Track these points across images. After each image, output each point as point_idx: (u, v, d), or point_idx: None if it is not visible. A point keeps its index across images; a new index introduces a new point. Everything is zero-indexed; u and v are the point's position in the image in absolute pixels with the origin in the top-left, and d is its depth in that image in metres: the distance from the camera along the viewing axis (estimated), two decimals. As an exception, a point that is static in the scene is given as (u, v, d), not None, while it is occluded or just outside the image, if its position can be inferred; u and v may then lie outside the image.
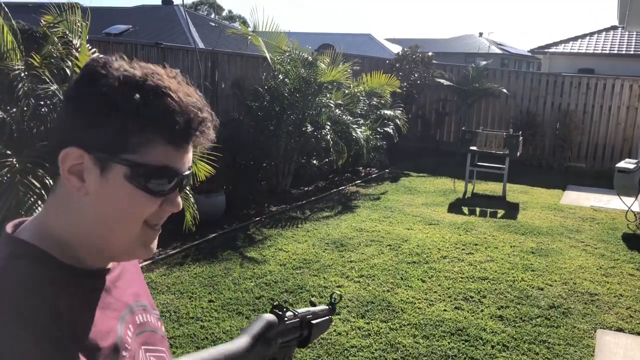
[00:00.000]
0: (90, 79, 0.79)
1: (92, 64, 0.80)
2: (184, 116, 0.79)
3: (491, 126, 11.62)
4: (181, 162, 0.82)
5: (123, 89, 0.77)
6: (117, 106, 0.77)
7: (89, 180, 0.79)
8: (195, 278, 4.63)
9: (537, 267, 5.27)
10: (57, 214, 0.83)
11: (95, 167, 0.78)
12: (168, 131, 0.79)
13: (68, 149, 0.78)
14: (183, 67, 6.93)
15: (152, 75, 0.79)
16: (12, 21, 4.44)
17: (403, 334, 3.85)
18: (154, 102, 0.78)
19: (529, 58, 36.16)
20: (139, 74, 0.79)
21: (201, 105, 0.82)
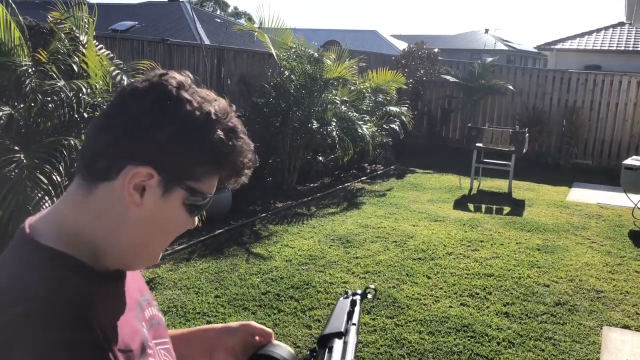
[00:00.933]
0: (176, 101, 0.82)
1: (169, 84, 0.83)
2: (247, 158, 0.87)
3: (497, 123, 11.59)
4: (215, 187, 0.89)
5: (210, 125, 0.82)
6: (200, 139, 0.82)
7: (148, 198, 0.82)
8: (201, 273, 4.65)
9: (543, 264, 5.26)
10: (87, 221, 0.83)
11: (159, 187, 0.82)
12: (232, 169, 0.86)
13: (141, 167, 0.79)
14: (189, 64, 6.94)
15: (228, 114, 0.86)
16: (19, 17, 4.47)
17: (408, 330, 3.86)
18: (232, 142, 0.84)
19: (535, 55, 36.01)
20: (221, 112, 0.85)
21: (252, 148, 0.90)
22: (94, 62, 4.37)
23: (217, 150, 0.83)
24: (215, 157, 0.83)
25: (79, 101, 4.15)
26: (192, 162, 0.82)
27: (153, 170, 0.80)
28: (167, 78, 0.84)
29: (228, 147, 0.83)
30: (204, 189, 0.85)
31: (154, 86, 0.83)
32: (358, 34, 30.91)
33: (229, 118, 0.85)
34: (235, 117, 0.87)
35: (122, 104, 0.83)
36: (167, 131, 0.80)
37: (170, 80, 0.83)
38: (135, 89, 0.83)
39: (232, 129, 0.85)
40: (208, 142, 0.82)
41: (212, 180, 0.86)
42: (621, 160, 8.73)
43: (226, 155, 0.84)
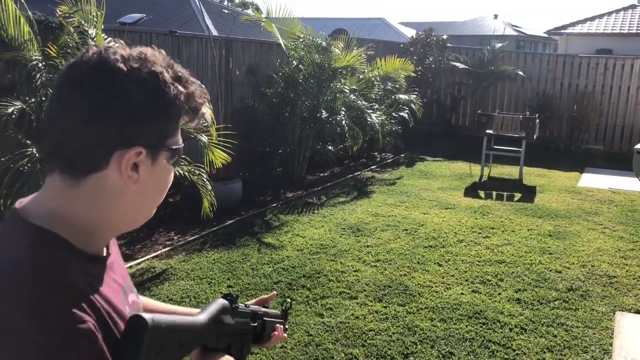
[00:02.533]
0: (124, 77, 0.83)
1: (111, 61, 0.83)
2: (200, 98, 0.92)
3: (507, 109, 11.51)
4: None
5: (162, 85, 0.85)
6: (163, 102, 0.85)
7: (143, 171, 0.86)
8: (214, 264, 4.68)
9: (554, 250, 5.25)
10: (81, 207, 0.85)
11: (148, 158, 0.86)
12: (194, 113, 0.92)
13: (129, 150, 0.83)
14: (197, 55, 6.95)
15: (168, 65, 0.88)
16: (28, 12, 4.49)
17: (420, 318, 3.88)
18: (185, 90, 0.88)
19: (545, 39, 35.65)
20: (163, 66, 0.87)
21: (198, 83, 0.95)
22: (103, 56, 4.39)
23: (179, 104, 0.87)
24: (179, 110, 0.88)
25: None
26: (164, 125, 0.87)
27: (139, 147, 0.84)
28: (107, 54, 0.84)
29: (186, 96, 0.88)
30: (178, 140, 0.91)
31: (102, 68, 0.83)
32: (366, 22, 30.75)
33: (174, 68, 0.89)
34: (175, 63, 0.91)
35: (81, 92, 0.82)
36: (135, 108, 0.83)
37: (111, 56, 0.84)
38: (83, 75, 0.83)
39: (181, 77, 0.89)
40: (170, 102, 0.86)
41: (179, 129, 0.92)
42: (633, 144, 8.66)
43: (187, 104, 0.89)
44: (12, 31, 4.21)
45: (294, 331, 3.63)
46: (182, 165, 4.71)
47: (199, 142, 4.89)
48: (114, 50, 0.85)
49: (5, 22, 4.16)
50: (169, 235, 5.39)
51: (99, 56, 0.84)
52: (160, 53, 0.91)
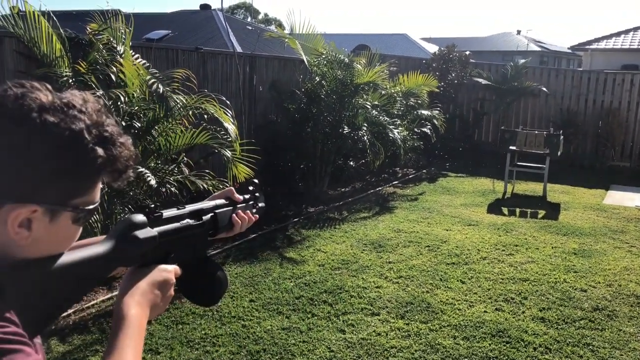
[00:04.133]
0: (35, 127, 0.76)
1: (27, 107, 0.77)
2: (126, 161, 0.86)
3: (531, 125, 11.41)
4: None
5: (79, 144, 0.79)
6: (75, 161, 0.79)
7: (37, 227, 0.79)
8: (236, 278, 4.71)
9: (579, 269, 5.17)
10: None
11: (45, 216, 0.80)
12: (114, 176, 0.85)
13: (21, 207, 0.77)
14: (222, 72, 7.05)
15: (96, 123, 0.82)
16: (60, 30, 4.62)
17: (443, 335, 3.84)
18: (107, 152, 0.81)
19: (569, 55, 35.36)
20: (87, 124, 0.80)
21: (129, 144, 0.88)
22: (131, 72, 4.49)
23: (95, 166, 0.81)
24: (94, 172, 0.82)
25: (118, 110, 4.27)
26: (71, 184, 0.81)
27: (35, 205, 0.78)
28: (25, 100, 0.77)
29: (106, 160, 0.81)
30: (89, 199, 0.84)
31: (12, 113, 0.76)
32: (388, 38, 30.85)
33: (102, 127, 0.82)
34: (108, 120, 0.84)
35: None
36: (39, 162, 0.76)
37: (28, 102, 0.77)
38: None
39: (107, 138, 0.82)
40: (84, 162, 0.80)
41: (96, 190, 0.86)
42: (660, 162, 8.51)
43: (105, 167, 0.82)
44: (44, 48, 4.33)
45: (315, 346, 3.63)
46: (206, 179, 4.77)
47: (223, 156, 4.95)
48: (35, 96, 0.78)
49: (39, 40, 4.28)
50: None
51: (14, 100, 0.77)
52: (95, 104, 0.84)
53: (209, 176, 4.83)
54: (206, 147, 5.14)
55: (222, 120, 4.91)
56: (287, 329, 3.85)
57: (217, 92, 5.56)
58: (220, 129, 5.01)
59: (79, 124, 0.79)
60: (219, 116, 4.87)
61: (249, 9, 46.78)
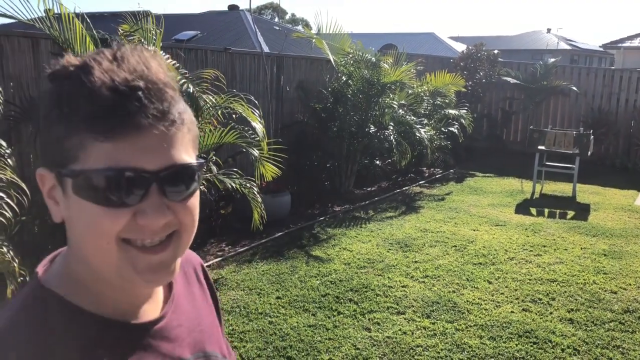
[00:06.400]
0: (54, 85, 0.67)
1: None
2: (101, 95, 0.60)
3: (560, 125, 11.26)
4: (137, 157, 0.62)
5: (53, 86, 0.65)
6: (44, 115, 0.66)
7: (60, 202, 0.67)
8: (263, 275, 4.77)
9: (609, 270, 5.10)
10: (73, 254, 0.71)
11: (58, 185, 0.67)
12: (91, 121, 0.61)
13: (39, 169, 0.69)
14: (250, 72, 7.13)
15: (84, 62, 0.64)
16: (93, 31, 4.73)
17: (469, 335, 3.84)
18: (72, 89, 0.62)
19: (600, 54, 34.66)
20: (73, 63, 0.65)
21: (138, 73, 0.62)
22: (162, 72, 4.57)
23: (64, 110, 0.62)
24: (67, 120, 0.62)
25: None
26: (56, 141, 0.64)
27: (44, 169, 0.68)
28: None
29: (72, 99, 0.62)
30: (88, 165, 0.62)
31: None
32: (415, 37, 30.69)
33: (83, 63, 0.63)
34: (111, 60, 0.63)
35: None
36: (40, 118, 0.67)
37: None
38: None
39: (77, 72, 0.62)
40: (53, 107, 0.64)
41: (93, 151, 0.62)
42: (695, 162, 8.31)
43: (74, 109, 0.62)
44: (78, 49, 4.44)
45: (340, 344, 3.66)
46: (234, 178, 4.83)
47: (251, 155, 5.01)
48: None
49: (73, 41, 4.40)
50: (220, 246, 5.52)
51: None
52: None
53: (236, 175, 4.90)
54: (234, 146, 5.21)
55: (250, 119, 4.97)
56: (313, 326, 3.88)
57: (245, 92, 5.63)
58: (248, 129, 5.07)
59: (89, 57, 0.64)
60: (247, 115, 4.94)
61: (276, 10, 47.03)
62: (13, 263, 3.15)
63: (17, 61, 4.60)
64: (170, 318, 0.75)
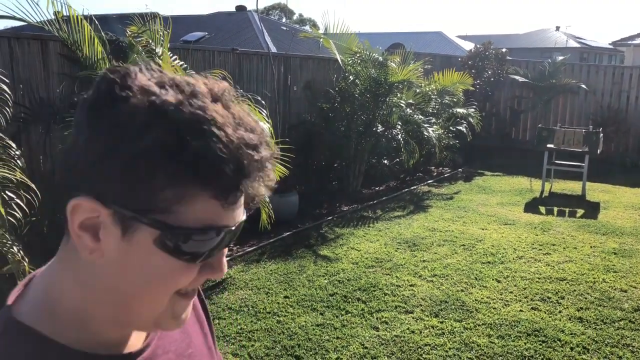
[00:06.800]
0: (107, 100, 0.57)
1: (108, 78, 0.58)
2: (233, 162, 0.56)
3: (569, 123, 11.19)
4: (231, 217, 0.60)
5: (151, 123, 0.55)
6: (142, 148, 0.55)
7: (107, 240, 0.58)
8: (271, 274, 4.78)
9: (619, 269, 5.06)
10: (66, 275, 0.64)
11: (115, 225, 0.58)
12: (212, 183, 0.57)
13: (80, 197, 0.57)
14: (258, 72, 7.15)
15: (190, 100, 0.57)
16: (101, 33, 4.77)
17: (477, 334, 3.83)
18: (193, 143, 0.55)
19: (610, 51, 34.44)
20: (173, 100, 0.56)
21: (257, 140, 0.59)
22: (169, 73, 4.60)
23: (170, 159, 0.55)
24: (176, 172, 0.55)
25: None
26: (146, 186, 0.55)
27: (96, 202, 0.57)
28: (114, 69, 0.59)
29: (192, 154, 0.55)
30: (186, 221, 0.57)
31: (96, 85, 0.59)
32: (423, 36, 30.62)
33: (188, 107, 0.56)
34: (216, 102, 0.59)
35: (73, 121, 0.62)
36: (101, 148, 0.56)
37: (116, 71, 0.59)
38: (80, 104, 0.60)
39: (196, 122, 0.56)
40: (152, 152, 0.55)
41: (196, 206, 0.57)
42: None
43: (194, 166, 0.55)
44: (87, 51, 4.48)
45: (349, 343, 3.66)
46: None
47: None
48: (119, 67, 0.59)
49: (81, 43, 4.43)
50: (228, 245, 5.54)
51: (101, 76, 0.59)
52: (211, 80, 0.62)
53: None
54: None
55: (258, 119, 4.98)
56: (321, 325, 3.89)
57: (252, 92, 5.65)
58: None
59: (164, 95, 0.56)
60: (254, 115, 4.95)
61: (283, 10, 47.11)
62: (23, 263, 3.18)
63: (27, 63, 4.64)
64: (156, 345, 0.71)
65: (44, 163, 4.79)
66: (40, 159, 4.76)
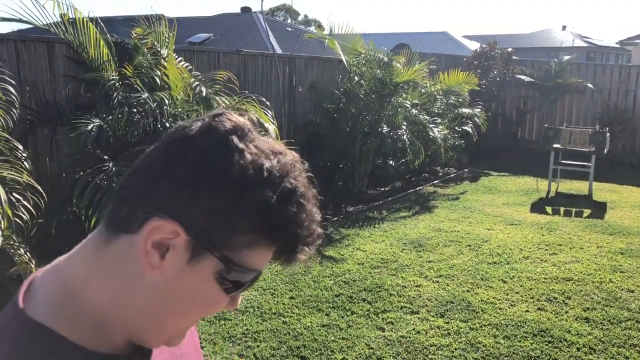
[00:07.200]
0: (222, 150, 0.65)
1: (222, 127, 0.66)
2: (307, 231, 0.68)
3: (576, 123, 11.15)
4: (266, 262, 0.71)
5: (260, 185, 0.64)
6: (247, 203, 0.63)
7: (171, 262, 0.64)
8: (277, 275, 4.79)
9: (626, 269, 5.04)
10: (95, 279, 0.67)
11: (186, 251, 0.64)
12: (285, 243, 0.67)
13: (164, 220, 0.63)
14: (263, 73, 7.16)
15: (289, 173, 0.67)
16: (107, 35, 4.79)
17: (483, 334, 3.82)
18: (286, 209, 0.65)
19: (617, 50, 34.29)
20: (278, 169, 0.66)
21: (319, 219, 0.71)
22: (175, 75, 4.62)
23: (264, 216, 0.64)
24: (260, 224, 0.64)
25: (162, 112, 4.40)
26: (229, 226, 0.64)
27: (180, 227, 0.63)
28: (221, 119, 0.67)
29: (279, 214, 0.65)
30: (244, 261, 0.66)
31: (202, 129, 0.66)
32: (428, 36, 30.58)
33: (289, 177, 0.67)
34: (300, 177, 0.69)
35: (165, 147, 0.68)
36: (204, 184, 0.63)
37: (223, 123, 0.66)
38: (184, 133, 0.67)
39: (291, 190, 0.66)
40: (252, 205, 0.63)
41: (259, 254, 0.67)
42: None
43: (275, 224, 0.65)
44: (92, 53, 4.51)
45: (354, 343, 3.66)
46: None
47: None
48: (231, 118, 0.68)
49: (87, 45, 4.46)
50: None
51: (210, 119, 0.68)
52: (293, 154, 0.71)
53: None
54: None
55: (263, 120, 5.00)
56: (327, 326, 3.89)
57: (257, 93, 5.66)
58: (260, 130, 5.09)
59: (265, 161, 0.65)
60: (259, 117, 4.96)
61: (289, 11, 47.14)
62: (30, 264, 3.20)
63: (33, 66, 4.67)
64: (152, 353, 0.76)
65: (50, 165, 4.81)
66: (47, 161, 4.79)
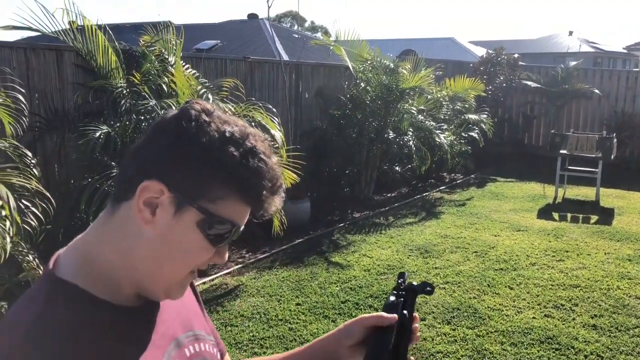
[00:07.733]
0: (192, 123, 0.79)
1: (192, 109, 0.81)
2: (270, 182, 0.80)
3: (583, 128, 11.12)
4: (244, 218, 0.83)
5: (224, 145, 0.78)
6: (215, 160, 0.77)
7: (160, 216, 0.78)
8: (283, 282, 4.80)
9: (634, 275, 5.02)
10: (106, 244, 0.82)
11: (171, 205, 0.78)
12: (251, 193, 0.80)
13: (151, 180, 0.77)
14: (269, 79, 7.19)
15: (249, 136, 0.81)
16: (115, 43, 4.83)
17: (490, 341, 3.81)
18: (249, 163, 0.78)
19: (625, 55, 34.17)
20: (239, 133, 0.80)
21: (280, 175, 0.84)
22: (182, 82, 4.65)
23: (231, 169, 0.78)
24: (228, 177, 0.78)
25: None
26: (203, 181, 0.78)
27: (164, 186, 0.77)
28: (191, 104, 0.82)
29: (243, 168, 0.78)
30: (222, 212, 0.79)
31: (181, 112, 0.81)
32: (435, 42, 30.58)
33: (249, 139, 0.80)
34: (260, 141, 0.82)
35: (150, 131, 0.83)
36: (180, 149, 0.78)
37: (193, 105, 0.81)
38: (163, 118, 0.83)
39: (251, 149, 0.79)
40: (220, 161, 0.77)
41: (232, 206, 0.80)
42: None
43: (241, 177, 0.78)
44: (100, 60, 4.55)
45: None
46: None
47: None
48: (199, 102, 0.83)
49: (95, 52, 4.50)
50: (241, 252, 5.57)
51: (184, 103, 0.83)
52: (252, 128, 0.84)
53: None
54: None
55: (269, 127, 5.02)
56: (333, 333, 3.89)
57: (264, 100, 5.69)
58: (267, 136, 5.11)
59: (227, 127, 0.79)
60: (266, 123, 4.98)
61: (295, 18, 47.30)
62: (38, 270, 3.22)
63: (42, 73, 4.70)
64: (162, 304, 0.89)
65: (59, 172, 4.85)
66: (55, 167, 4.83)
